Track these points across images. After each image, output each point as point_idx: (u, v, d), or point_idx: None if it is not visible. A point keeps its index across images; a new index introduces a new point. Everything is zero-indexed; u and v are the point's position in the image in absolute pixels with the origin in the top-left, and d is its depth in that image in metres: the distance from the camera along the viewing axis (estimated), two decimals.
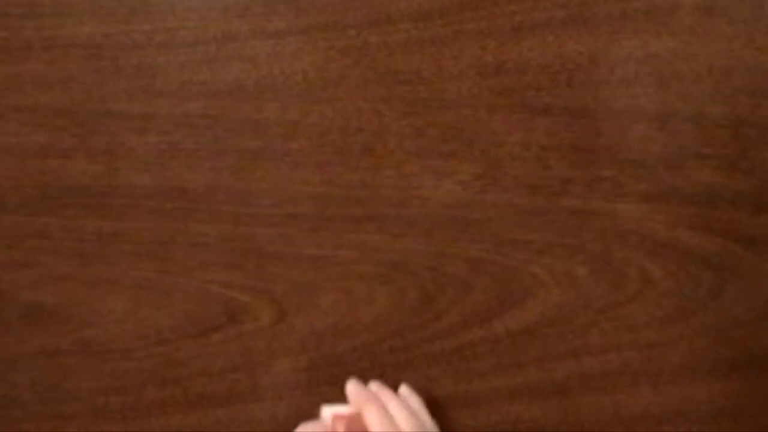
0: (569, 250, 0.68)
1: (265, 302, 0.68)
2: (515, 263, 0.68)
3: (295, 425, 0.69)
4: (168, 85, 0.64)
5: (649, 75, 0.66)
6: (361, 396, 0.63)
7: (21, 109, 0.64)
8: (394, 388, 0.70)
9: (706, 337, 0.70)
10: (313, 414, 0.69)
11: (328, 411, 0.63)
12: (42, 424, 0.68)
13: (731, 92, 0.67)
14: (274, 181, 0.66)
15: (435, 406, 0.70)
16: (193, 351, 0.68)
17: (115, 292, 0.67)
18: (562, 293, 0.69)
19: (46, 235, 0.66)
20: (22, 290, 0.66)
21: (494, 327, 0.69)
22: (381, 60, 0.65)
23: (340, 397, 0.70)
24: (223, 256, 0.67)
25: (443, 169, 0.66)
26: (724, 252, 0.69)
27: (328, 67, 0.65)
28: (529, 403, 0.70)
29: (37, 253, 0.66)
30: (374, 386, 0.66)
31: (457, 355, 0.69)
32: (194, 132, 0.65)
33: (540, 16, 0.65)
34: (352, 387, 0.64)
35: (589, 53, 0.65)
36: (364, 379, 0.69)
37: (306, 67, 0.64)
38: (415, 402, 0.65)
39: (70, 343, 0.67)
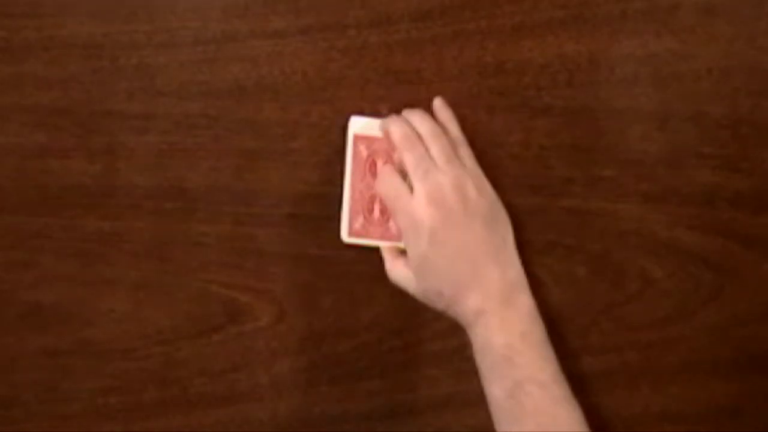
0: (569, 250, 0.68)
1: (265, 302, 0.68)
2: None
3: (294, 425, 0.69)
4: (168, 85, 0.64)
5: (649, 75, 0.66)
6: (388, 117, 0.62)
7: (21, 109, 0.64)
8: (395, 388, 0.70)
9: (706, 337, 0.71)
10: (312, 414, 0.70)
11: (353, 129, 0.62)
12: (42, 423, 0.68)
13: (731, 92, 0.67)
14: (274, 181, 0.66)
15: (435, 406, 0.70)
16: (193, 351, 0.68)
17: (115, 292, 0.67)
18: (562, 293, 0.69)
19: (46, 235, 0.66)
20: (22, 290, 0.66)
21: None
22: (381, 60, 0.65)
23: (340, 397, 0.70)
24: (223, 256, 0.67)
25: None
26: (724, 252, 0.69)
27: (328, 67, 0.64)
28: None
29: (37, 253, 0.66)
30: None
31: (457, 355, 0.69)
32: (194, 132, 0.65)
33: (540, 16, 0.65)
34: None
35: (589, 53, 0.65)
36: (364, 379, 0.70)
37: (306, 67, 0.64)
38: (446, 114, 0.63)
39: (70, 343, 0.67)
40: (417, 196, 0.58)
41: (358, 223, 0.62)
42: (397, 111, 0.65)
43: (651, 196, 0.68)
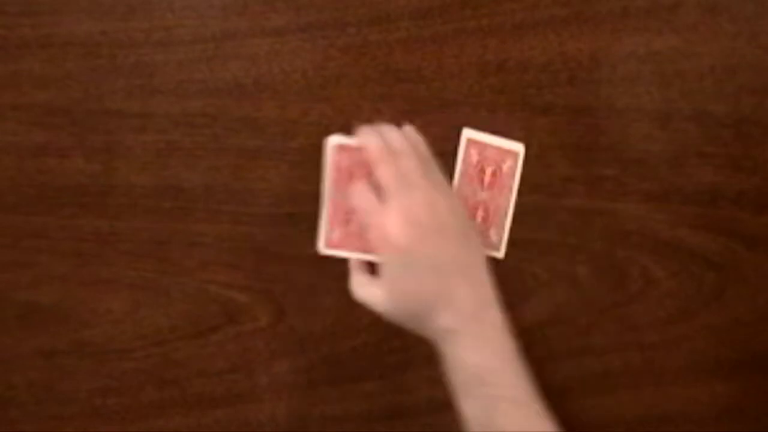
0: (571, 249, 0.68)
1: (264, 302, 0.68)
2: (517, 263, 0.68)
3: (294, 426, 0.69)
4: (166, 83, 0.64)
5: (651, 73, 0.66)
6: (364, 129, 0.61)
7: (18, 107, 0.64)
8: (394, 389, 0.70)
9: (708, 337, 0.70)
10: (311, 414, 0.69)
11: (334, 140, 0.61)
12: (39, 424, 0.68)
13: (733, 90, 0.66)
14: (273, 181, 0.66)
15: (435, 407, 0.70)
16: (192, 351, 0.68)
17: (112, 292, 0.67)
18: (564, 293, 0.69)
19: (44, 234, 0.65)
20: (19, 290, 0.66)
21: None
22: (381, 58, 0.64)
23: (340, 398, 0.70)
24: (222, 255, 0.67)
25: (444, 168, 0.65)
26: (727, 251, 0.69)
27: (328, 66, 0.64)
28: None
29: (34, 252, 0.66)
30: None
31: None
32: (193, 131, 0.65)
33: (541, 14, 0.64)
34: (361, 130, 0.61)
35: (591, 51, 0.65)
36: (364, 379, 0.69)
37: (305, 65, 0.64)
38: (415, 136, 0.63)
39: (68, 343, 0.67)
40: (390, 212, 0.58)
41: (336, 235, 0.62)
42: (398, 110, 0.65)
43: (653, 195, 0.68)
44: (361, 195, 0.60)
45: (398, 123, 0.65)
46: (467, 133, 0.63)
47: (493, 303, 0.59)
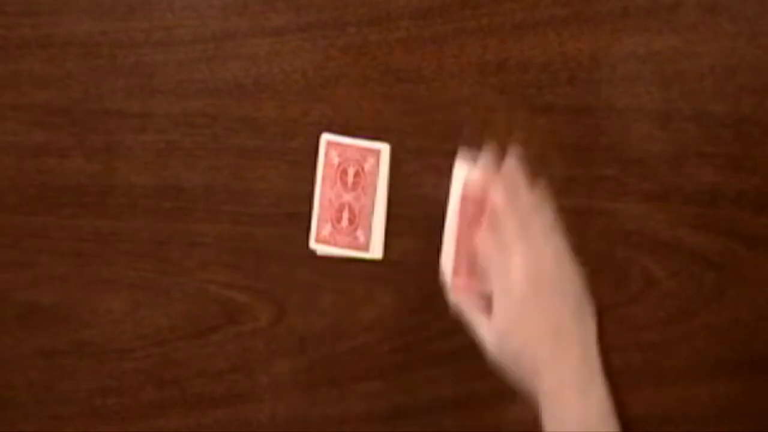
0: (571, 249, 0.68)
1: (264, 302, 0.67)
2: None
3: (294, 426, 0.69)
4: (166, 83, 0.64)
5: (651, 73, 0.66)
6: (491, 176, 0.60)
7: (18, 107, 0.64)
8: (395, 389, 0.70)
9: (709, 338, 0.70)
10: (311, 415, 0.69)
11: (326, 137, 0.62)
12: (39, 424, 0.68)
13: (734, 90, 0.66)
14: (274, 180, 0.66)
15: (435, 407, 0.70)
16: (192, 351, 0.68)
17: (112, 292, 0.67)
18: None
19: (44, 234, 0.65)
20: (19, 290, 0.66)
21: None
22: (381, 58, 0.64)
23: (340, 398, 0.70)
24: (222, 255, 0.67)
25: (444, 168, 0.66)
26: (727, 251, 0.69)
27: (328, 66, 0.64)
28: (530, 404, 0.69)
29: (34, 252, 0.66)
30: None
31: (457, 355, 0.68)
32: (193, 131, 0.65)
33: (541, 14, 0.64)
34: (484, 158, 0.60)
35: (591, 51, 0.65)
36: (364, 380, 0.69)
37: (305, 65, 0.64)
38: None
39: (68, 343, 0.67)
40: (517, 263, 0.57)
41: (326, 231, 0.62)
42: (398, 110, 0.65)
43: (653, 195, 0.67)
44: (484, 241, 0.59)
45: (399, 123, 0.66)
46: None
47: (599, 375, 0.59)
